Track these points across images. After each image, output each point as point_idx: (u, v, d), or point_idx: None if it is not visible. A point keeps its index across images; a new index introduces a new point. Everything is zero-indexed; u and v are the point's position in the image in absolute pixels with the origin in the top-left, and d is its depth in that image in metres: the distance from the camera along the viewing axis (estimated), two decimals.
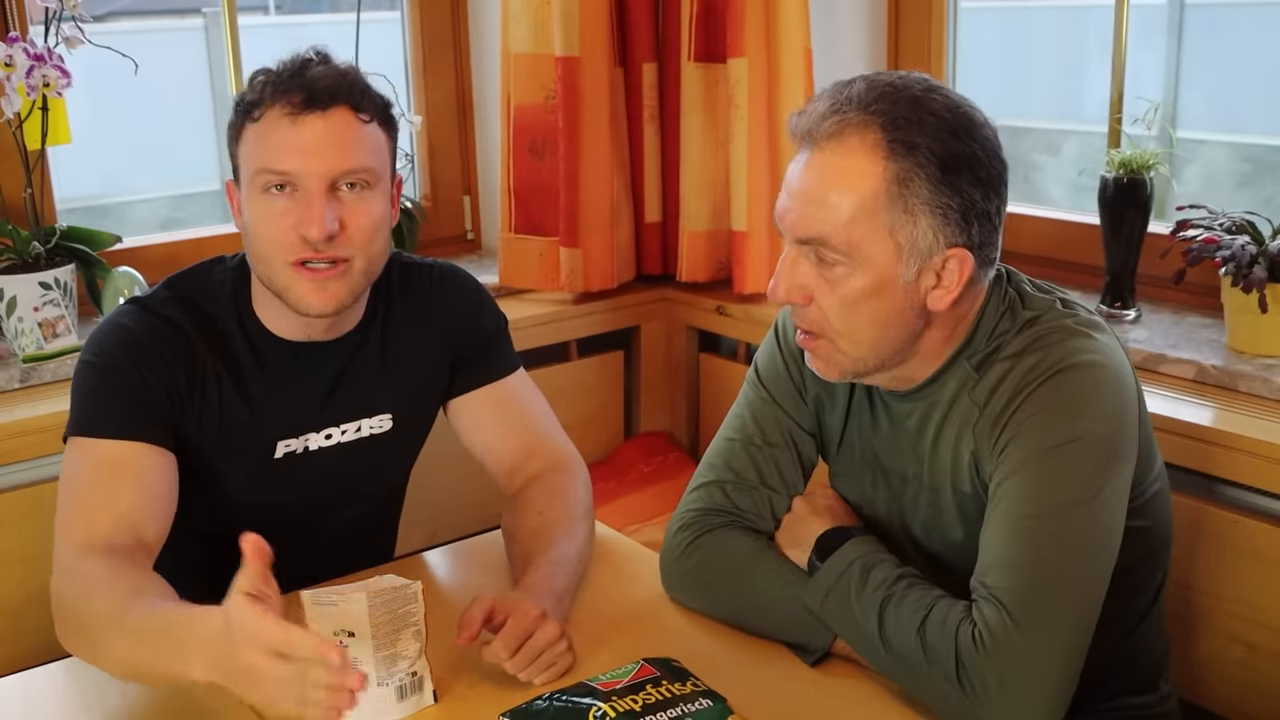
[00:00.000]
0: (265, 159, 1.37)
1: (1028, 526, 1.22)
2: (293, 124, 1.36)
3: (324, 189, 1.37)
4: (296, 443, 1.50)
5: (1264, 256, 1.85)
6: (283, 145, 1.36)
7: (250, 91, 1.39)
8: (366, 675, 1.11)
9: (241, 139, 1.41)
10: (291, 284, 1.40)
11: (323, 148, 1.36)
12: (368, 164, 1.39)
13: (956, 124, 1.23)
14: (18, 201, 2.08)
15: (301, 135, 1.36)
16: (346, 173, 1.38)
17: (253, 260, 1.44)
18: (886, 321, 1.27)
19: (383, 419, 1.54)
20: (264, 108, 1.37)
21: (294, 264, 1.38)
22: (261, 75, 1.40)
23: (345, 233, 1.38)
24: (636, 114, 2.55)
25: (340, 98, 1.37)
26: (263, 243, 1.40)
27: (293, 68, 1.39)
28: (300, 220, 1.36)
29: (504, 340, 1.65)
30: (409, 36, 2.72)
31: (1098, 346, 1.27)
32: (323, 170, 1.36)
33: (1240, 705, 1.75)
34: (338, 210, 1.37)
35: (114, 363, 1.41)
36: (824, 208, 1.24)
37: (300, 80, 1.37)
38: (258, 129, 1.38)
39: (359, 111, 1.39)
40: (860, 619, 1.27)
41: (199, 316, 1.45)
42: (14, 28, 2.16)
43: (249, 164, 1.39)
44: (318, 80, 1.37)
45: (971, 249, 1.24)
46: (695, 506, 1.46)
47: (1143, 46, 5.88)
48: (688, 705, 1.20)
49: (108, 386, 1.40)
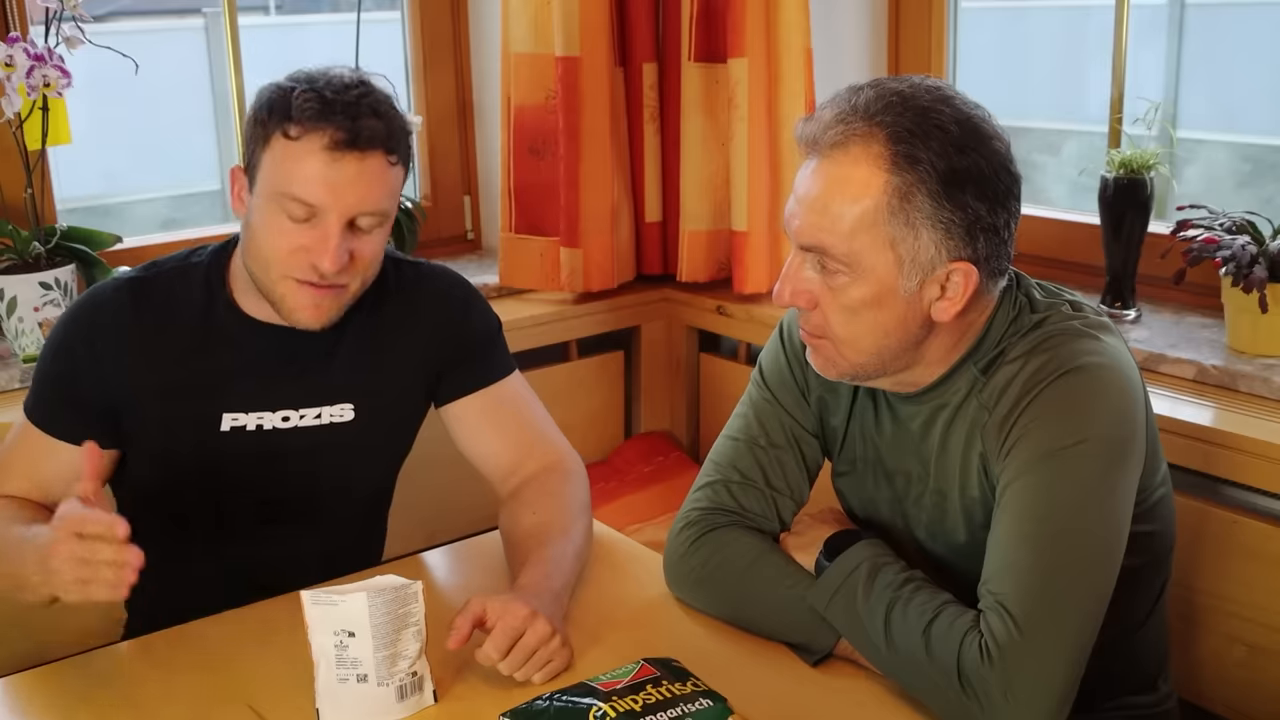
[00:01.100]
0: (293, 186, 1.37)
1: (1034, 531, 1.21)
2: (330, 161, 1.36)
3: (343, 225, 1.39)
4: (246, 418, 1.51)
5: (1264, 256, 1.85)
6: (315, 178, 1.37)
7: (294, 107, 1.37)
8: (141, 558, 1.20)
9: (269, 146, 1.39)
10: (287, 295, 1.43)
11: (353, 188, 1.38)
12: (387, 206, 1.43)
13: (963, 138, 1.22)
14: (18, 201, 2.07)
15: (336, 173, 1.37)
16: (367, 213, 1.40)
17: (249, 258, 1.46)
18: (887, 331, 1.27)
19: (343, 408, 1.55)
20: (304, 130, 1.36)
21: (293, 279, 1.41)
22: (308, 92, 1.37)
23: (352, 263, 1.42)
24: (636, 114, 2.55)
25: (379, 143, 1.38)
26: (268, 253, 1.42)
27: (339, 94, 1.37)
28: (314, 251, 1.39)
29: (496, 343, 1.64)
30: (409, 37, 2.72)
31: (1104, 349, 1.27)
32: (347, 209, 1.38)
33: (1240, 705, 1.75)
34: (350, 243, 1.40)
35: (54, 349, 1.49)
36: (827, 217, 1.23)
37: (346, 116, 1.36)
38: (291, 149, 1.37)
39: (390, 154, 1.40)
40: (866, 621, 1.27)
41: (161, 297, 1.49)
42: (14, 28, 2.16)
43: (273, 179, 1.39)
44: (362, 120, 1.37)
45: (976, 262, 1.24)
46: (700, 505, 1.46)
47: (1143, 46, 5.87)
48: (688, 705, 1.20)
49: (47, 376, 1.50)
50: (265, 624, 1.41)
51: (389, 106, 1.42)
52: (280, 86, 1.40)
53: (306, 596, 1.21)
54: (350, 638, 1.20)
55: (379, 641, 1.21)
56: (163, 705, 1.28)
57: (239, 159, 1.48)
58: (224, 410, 1.50)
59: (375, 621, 1.20)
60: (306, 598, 1.21)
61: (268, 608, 1.46)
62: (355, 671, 1.21)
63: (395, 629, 1.22)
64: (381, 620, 1.20)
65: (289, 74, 1.42)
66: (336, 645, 1.21)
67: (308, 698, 1.23)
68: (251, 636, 1.40)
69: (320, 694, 1.22)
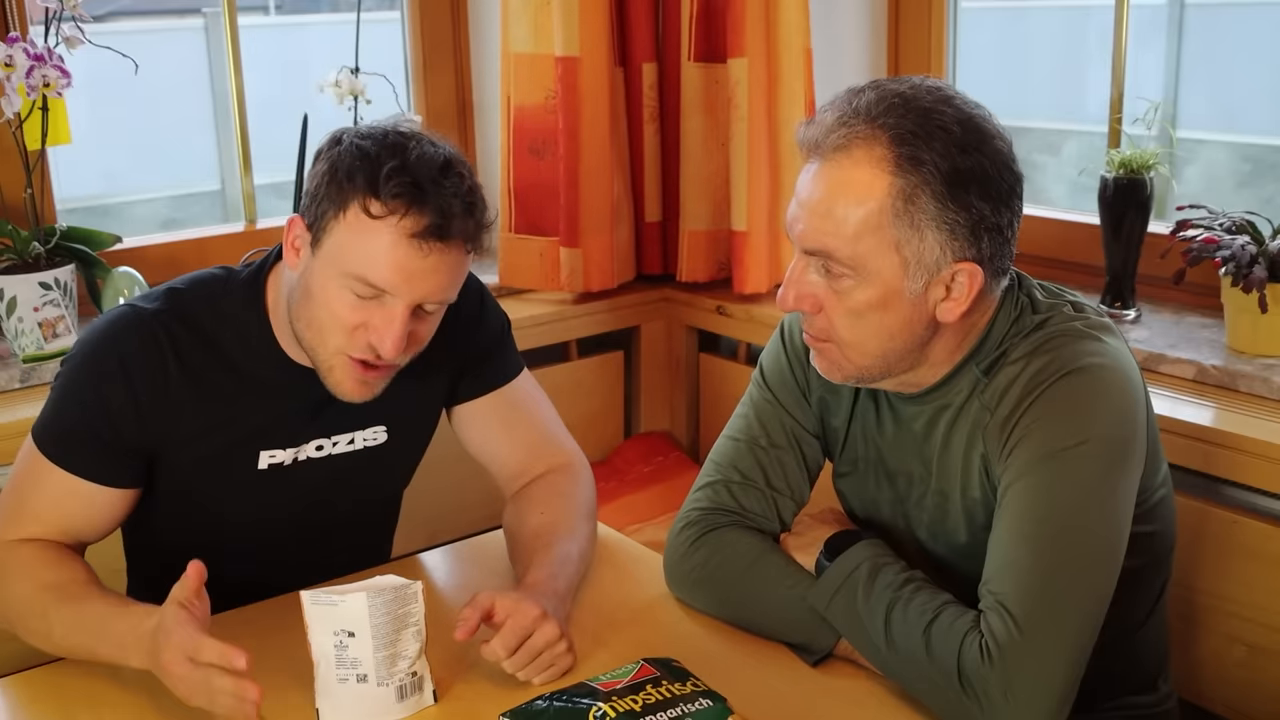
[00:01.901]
0: (367, 267, 1.30)
1: (1035, 531, 1.21)
2: (411, 249, 1.29)
3: (410, 309, 1.33)
4: (284, 454, 1.47)
5: (1264, 256, 1.85)
6: (392, 264, 1.29)
7: (383, 184, 1.28)
8: (260, 692, 1.16)
9: (345, 215, 1.30)
10: (336, 369, 1.37)
11: (431, 278, 1.32)
12: (454, 295, 1.38)
13: (966, 138, 1.21)
14: (18, 201, 2.07)
15: (415, 263, 1.30)
16: (437, 301, 1.36)
17: (300, 322, 1.38)
18: (893, 333, 1.26)
19: (376, 431, 1.52)
20: (389, 211, 1.29)
21: (349, 356, 1.36)
22: (400, 173, 1.28)
23: (408, 344, 1.36)
24: (636, 114, 2.55)
25: (461, 234, 1.32)
26: (325, 324, 1.35)
27: (434, 182, 1.29)
28: (376, 331, 1.33)
29: (507, 343, 1.63)
30: (409, 37, 2.72)
31: (1106, 350, 1.27)
32: (419, 296, 1.33)
33: (1240, 705, 1.75)
34: (411, 325, 1.35)
35: (84, 387, 1.39)
36: (830, 220, 1.23)
37: (438, 205, 1.29)
38: (371, 227, 1.29)
39: (468, 242, 1.34)
40: (866, 620, 1.27)
41: (193, 339, 1.41)
42: (14, 28, 2.16)
43: (344, 253, 1.31)
44: (454, 213, 1.30)
45: (981, 262, 1.24)
46: (700, 505, 1.46)
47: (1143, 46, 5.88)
48: (688, 705, 1.20)
49: (72, 413, 1.39)
50: (265, 624, 1.41)
51: (478, 199, 1.34)
52: (364, 152, 1.30)
53: (306, 596, 1.21)
54: (350, 638, 1.20)
55: (379, 641, 1.21)
56: (163, 705, 1.28)
57: (296, 205, 1.41)
58: (262, 449, 1.46)
59: (375, 621, 1.20)
60: (306, 598, 1.21)
61: (267, 608, 1.46)
62: (355, 671, 1.21)
63: (395, 629, 1.22)
64: (381, 620, 1.20)
65: (366, 130, 1.34)
66: (336, 645, 1.21)
67: (308, 698, 1.23)
68: (251, 636, 1.40)
69: (320, 694, 1.22)
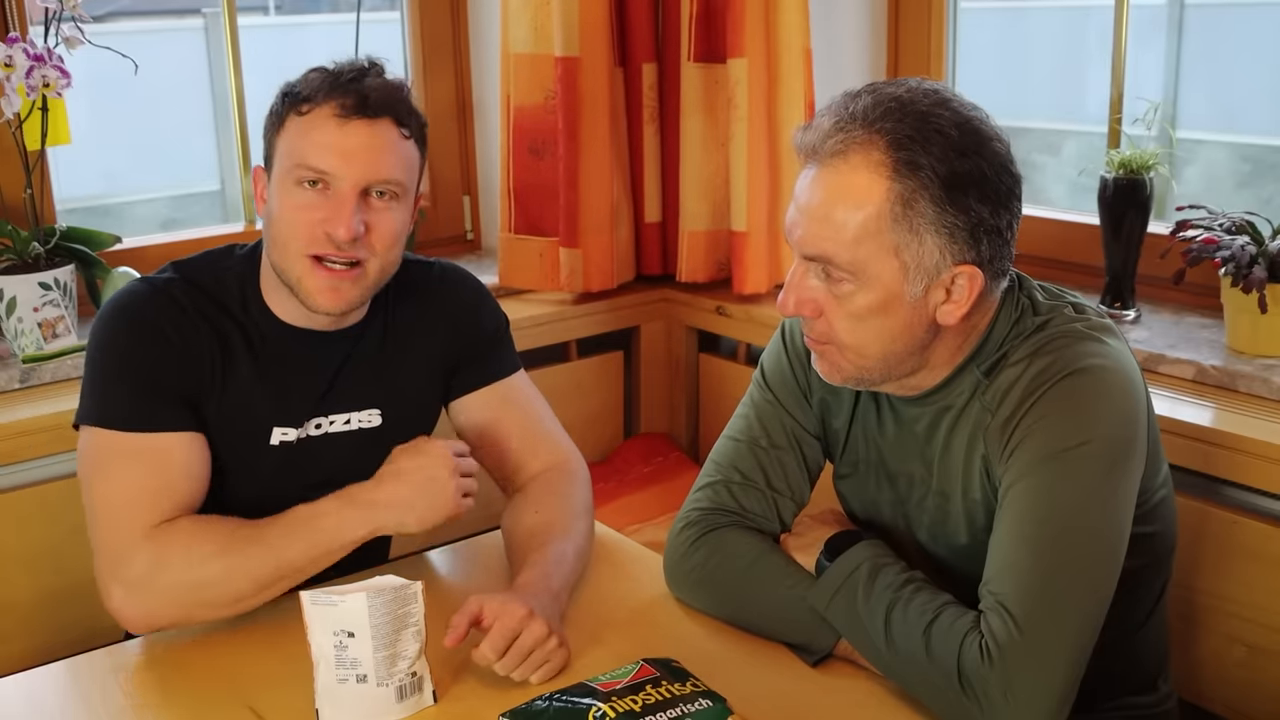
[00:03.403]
0: (306, 154, 1.40)
1: (1036, 532, 1.21)
2: (340, 126, 1.40)
3: (356, 193, 1.41)
4: (293, 431, 1.50)
5: (1264, 257, 1.85)
6: (326, 144, 1.40)
7: (304, 85, 1.42)
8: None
9: (284, 128, 1.43)
10: (305, 277, 1.43)
11: (363, 153, 1.40)
12: (400, 176, 1.44)
13: (964, 141, 1.21)
14: (18, 202, 2.08)
15: (346, 138, 1.40)
16: (380, 181, 1.42)
17: (270, 247, 1.46)
18: (894, 337, 1.26)
19: (371, 413, 1.55)
20: (315, 104, 1.41)
21: (311, 257, 1.42)
22: (317, 73, 1.43)
23: (367, 237, 1.42)
24: (636, 114, 2.55)
25: (388, 110, 1.42)
26: (285, 231, 1.43)
27: (351, 73, 1.42)
28: (328, 218, 1.40)
29: (505, 341, 1.65)
30: (409, 37, 2.72)
31: (1107, 351, 1.27)
32: (359, 175, 1.40)
33: (1240, 705, 1.75)
34: (365, 214, 1.41)
35: (122, 354, 1.42)
36: (830, 226, 1.23)
37: (356, 86, 1.41)
38: (303, 123, 1.41)
39: (401, 126, 1.44)
40: (866, 621, 1.27)
41: (203, 299, 1.47)
42: (14, 28, 2.16)
43: (288, 154, 1.42)
44: (372, 89, 1.41)
45: (981, 264, 1.24)
46: (701, 505, 1.46)
47: (1143, 46, 5.88)
48: (688, 705, 1.20)
49: (125, 381, 1.41)
50: (265, 624, 1.41)
51: (401, 84, 1.46)
52: (291, 80, 1.45)
53: (306, 596, 1.21)
54: (350, 638, 1.20)
55: (378, 642, 1.21)
56: (162, 705, 1.28)
57: (256, 161, 1.49)
58: (274, 425, 1.49)
59: (375, 622, 1.20)
60: (306, 598, 1.21)
61: (267, 608, 1.45)
62: (355, 672, 1.21)
63: (395, 629, 1.22)
64: (381, 620, 1.20)
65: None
66: (336, 645, 1.21)
67: (307, 698, 1.23)
68: (251, 636, 1.40)
69: (320, 694, 1.22)
